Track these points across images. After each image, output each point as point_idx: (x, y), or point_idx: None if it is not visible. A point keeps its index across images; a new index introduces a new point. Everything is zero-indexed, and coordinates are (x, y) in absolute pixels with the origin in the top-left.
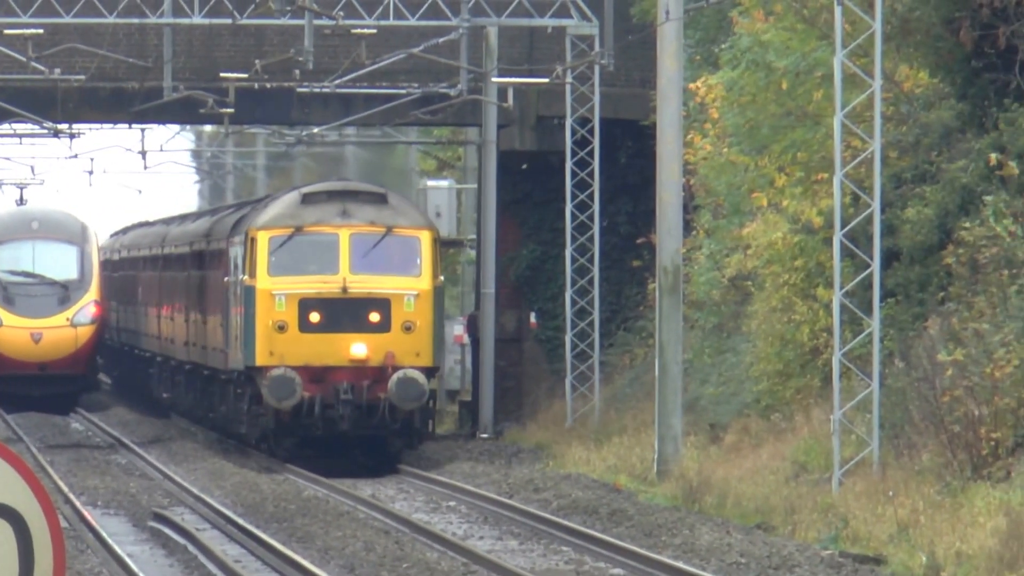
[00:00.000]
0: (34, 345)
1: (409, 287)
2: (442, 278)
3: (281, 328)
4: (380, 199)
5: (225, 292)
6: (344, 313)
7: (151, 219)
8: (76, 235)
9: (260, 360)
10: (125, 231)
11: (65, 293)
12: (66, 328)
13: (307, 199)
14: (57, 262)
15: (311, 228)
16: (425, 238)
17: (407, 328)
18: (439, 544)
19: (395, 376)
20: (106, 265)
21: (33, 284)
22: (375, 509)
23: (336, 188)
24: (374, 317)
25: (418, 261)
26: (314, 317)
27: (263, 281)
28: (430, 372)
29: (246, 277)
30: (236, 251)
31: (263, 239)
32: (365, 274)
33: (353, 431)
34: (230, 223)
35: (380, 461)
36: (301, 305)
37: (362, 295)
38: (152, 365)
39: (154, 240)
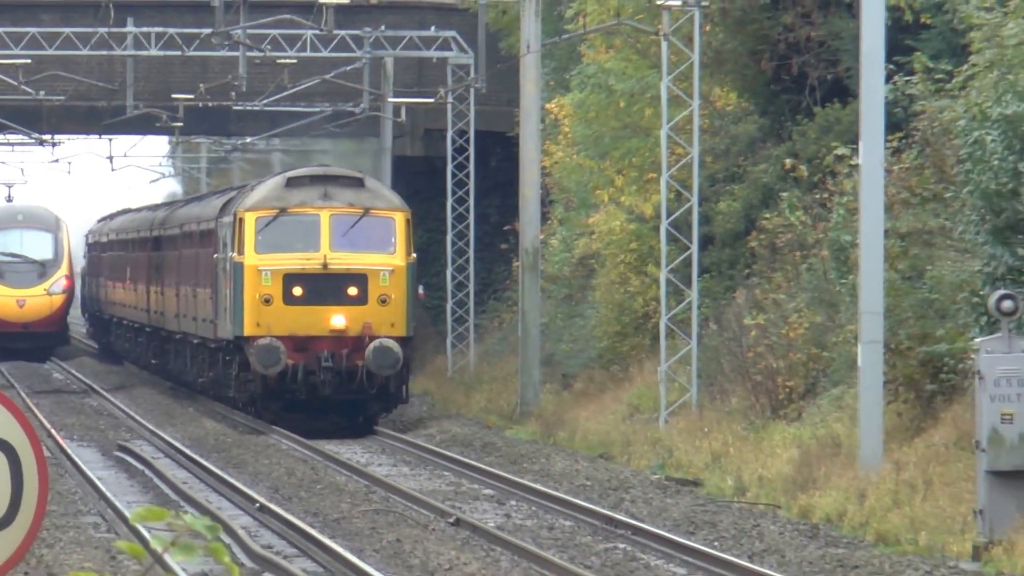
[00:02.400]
0: (19, 309)
1: (384, 263)
2: (414, 255)
3: (267, 301)
4: (358, 183)
5: (214, 268)
6: (325, 287)
7: (133, 206)
8: (51, 225)
9: (248, 330)
10: (112, 216)
11: (43, 269)
12: (44, 296)
13: (291, 183)
14: (37, 246)
15: (295, 209)
16: (399, 219)
17: (383, 301)
18: (346, 470)
19: (372, 345)
20: (94, 247)
21: (19, 263)
22: (295, 442)
23: (318, 173)
24: (352, 291)
25: (393, 240)
26: (297, 291)
27: (251, 258)
28: (404, 341)
29: (235, 254)
30: (225, 231)
31: (250, 219)
32: (344, 251)
33: (333, 396)
34: (218, 205)
35: (358, 423)
36: (285, 280)
37: (341, 271)
38: (141, 335)
39: (142, 224)
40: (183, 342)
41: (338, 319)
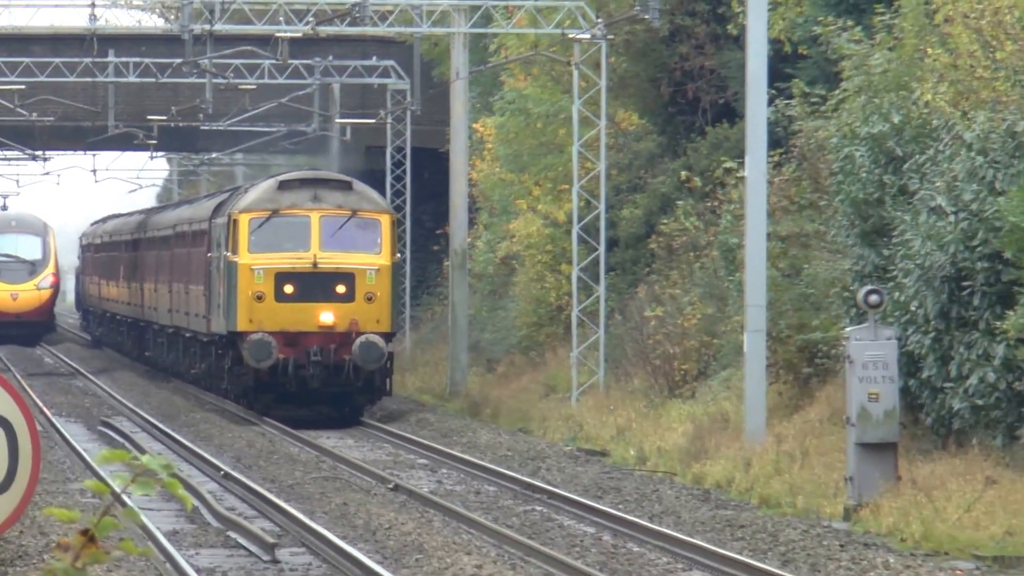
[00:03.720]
0: (13, 301)
1: (371, 263)
2: (399, 255)
3: (259, 298)
4: (346, 186)
5: (207, 266)
6: (314, 285)
7: (122, 211)
8: (40, 230)
9: (241, 326)
10: (105, 220)
11: (33, 268)
12: (34, 291)
13: (283, 185)
14: (28, 248)
15: (286, 211)
16: (385, 220)
17: (369, 298)
18: (299, 442)
19: (359, 340)
20: (88, 248)
21: (13, 262)
22: (254, 418)
23: (308, 176)
24: (340, 289)
25: (379, 240)
26: (288, 288)
27: (244, 257)
28: (389, 337)
29: (228, 254)
30: (219, 231)
31: (244, 220)
32: (333, 251)
33: (322, 388)
34: (210, 207)
35: (345, 414)
36: (277, 278)
37: (330, 269)
38: (135, 328)
39: (135, 226)
40: (175, 335)
41: (327, 315)
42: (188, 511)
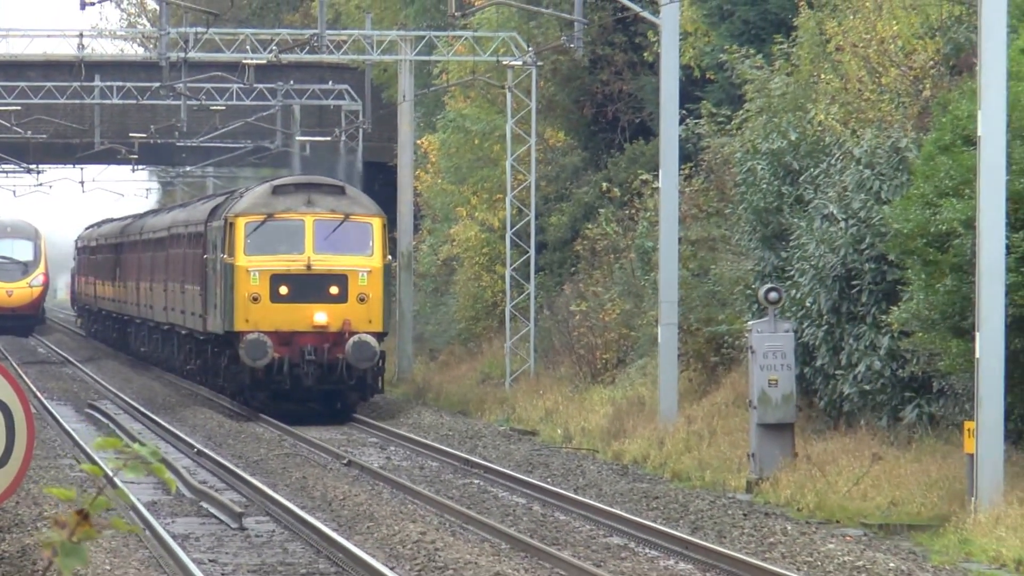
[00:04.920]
0: (8, 297)
1: (363, 265)
2: (390, 257)
3: (255, 299)
4: (339, 191)
5: (203, 268)
6: (308, 286)
7: (115, 216)
8: (32, 234)
9: (238, 326)
10: (99, 224)
11: (25, 268)
12: (27, 288)
13: (277, 190)
14: (21, 250)
15: (281, 215)
16: (376, 224)
17: (361, 299)
18: (264, 424)
19: (351, 340)
20: (83, 250)
21: (7, 263)
22: (225, 401)
23: (302, 181)
24: (334, 290)
25: (371, 243)
26: (283, 290)
27: (240, 259)
28: (380, 336)
29: (225, 256)
30: (215, 234)
31: (240, 224)
32: (326, 254)
33: (316, 386)
34: (205, 211)
35: (338, 412)
36: (272, 280)
37: (324, 271)
38: (130, 325)
39: (130, 229)
40: (170, 332)
41: (320, 316)
42: (172, 492)
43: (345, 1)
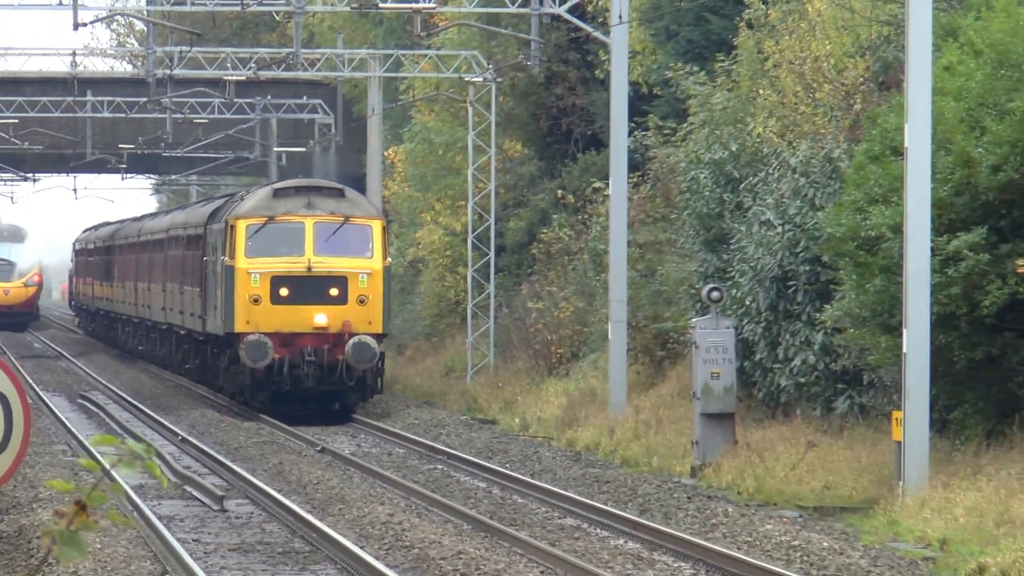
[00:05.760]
0: (4, 296)
1: (363, 267)
2: (390, 259)
3: (256, 301)
4: (339, 193)
5: (203, 269)
6: (309, 288)
7: (111, 219)
8: (25, 237)
9: (238, 327)
10: (96, 227)
11: (20, 269)
12: (22, 287)
13: (278, 193)
14: (16, 252)
15: (281, 217)
16: (376, 226)
17: (361, 301)
18: (243, 414)
19: (351, 341)
20: (81, 252)
21: (4, 264)
22: (208, 393)
23: (303, 184)
24: (334, 292)
25: (370, 245)
26: (283, 291)
27: (241, 261)
28: (380, 338)
29: (226, 258)
30: (215, 236)
31: (241, 226)
32: (326, 256)
33: (316, 387)
34: (205, 214)
35: (337, 412)
36: (273, 282)
37: (324, 273)
38: (128, 324)
39: (128, 231)
40: (168, 332)
41: (320, 317)
42: (163, 485)
43: (318, 22)
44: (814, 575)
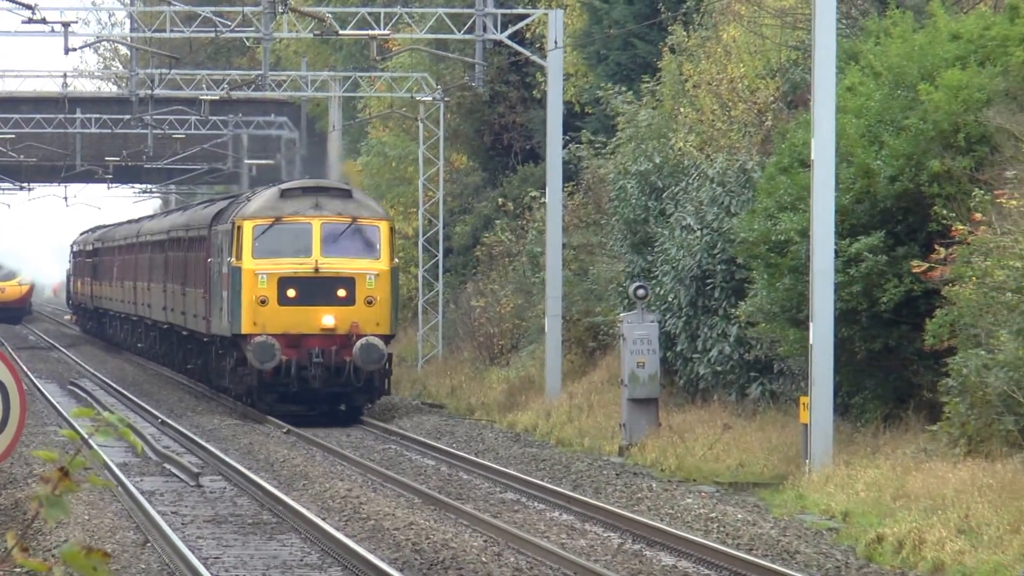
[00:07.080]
0: (1, 294)
1: (371, 268)
2: (397, 260)
3: (263, 302)
4: (346, 194)
5: (208, 270)
6: (316, 289)
7: (107, 222)
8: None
9: (245, 329)
10: (94, 230)
11: (14, 270)
12: (16, 286)
13: (285, 194)
14: (11, 255)
15: (289, 218)
16: (383, 227)
17: (369, 302)
18: (215, 399)
19: (359, 342)
20: (79, 253)
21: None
22: (186, 381)
23: (310, 185)
24: (341, 293)
25: (378, 246)
26: (291, 293)
27: (248, 262)
28: (388, 339)
29: (232, 259)
30: (220, 238)
31: (248, 227)
32: (334, 257)
33: (323, 389)
34: (209, 215)
35: (344, 414)
36: (280, 283)
37: (331, 274)
38: (127, 323)
39: (127, 233)
40: (169, 332)
41: (328, 319)
42: (138, 452)
43: (284, 47)
44: (729, 544)
